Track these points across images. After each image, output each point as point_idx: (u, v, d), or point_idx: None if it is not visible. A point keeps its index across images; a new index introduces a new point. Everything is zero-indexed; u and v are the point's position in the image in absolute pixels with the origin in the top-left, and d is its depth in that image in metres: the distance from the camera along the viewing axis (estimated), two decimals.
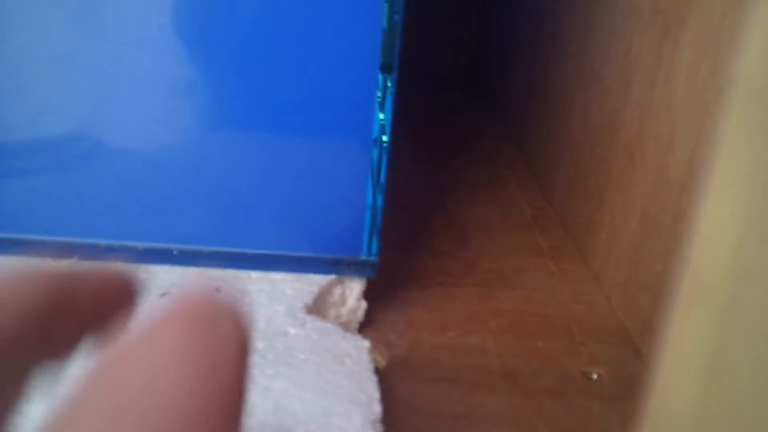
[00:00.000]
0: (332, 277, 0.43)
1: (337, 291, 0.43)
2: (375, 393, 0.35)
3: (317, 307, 0.42)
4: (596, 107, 0.55)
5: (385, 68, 0.40)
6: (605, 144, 0.53)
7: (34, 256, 0.42)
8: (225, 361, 0.12)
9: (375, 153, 0.41)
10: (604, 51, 0.54)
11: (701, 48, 0.40)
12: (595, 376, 0.43)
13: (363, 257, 0.43)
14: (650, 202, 0.45)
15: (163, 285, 0.41)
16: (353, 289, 0.44)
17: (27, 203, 0.41)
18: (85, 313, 0.15)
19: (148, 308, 0.40)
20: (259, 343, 0.37)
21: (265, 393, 0.34)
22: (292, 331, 0.39)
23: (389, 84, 0.40)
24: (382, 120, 0.41)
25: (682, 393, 0.13)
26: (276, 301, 0.41)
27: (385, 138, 0.41)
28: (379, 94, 0.40)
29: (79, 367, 0.12)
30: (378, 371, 0.39)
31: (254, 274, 0.43)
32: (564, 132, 0.62)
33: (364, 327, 0.45)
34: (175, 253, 0.42)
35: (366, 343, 0.38)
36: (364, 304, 0.44)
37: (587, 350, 0.45)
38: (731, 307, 0.12)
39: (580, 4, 0.60)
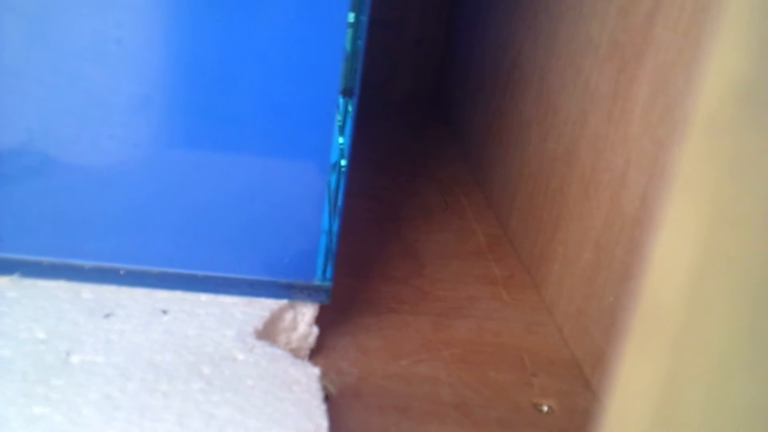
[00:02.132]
0: (284, 301, 0.42)
1: (289, 316, 0.42)
2: (324, 422, 0.34)
3: (267, 332, 0.41)
4: (553, 139, 0.56)
5: (346, 92, 0.39)
6: (560, 175, 0.53)
7: None
8: None
9: (333, 177, 0.41)
10: (562, 83, 0.55)
11: (657, 84, 0.41)
12: (545, 408, 0.43)
13: (316, 282, 0.43)
14: (603, 234, 0.45)
15: (109, 306, 0.40)
16: (305, 315, 0.43)
17: None
18: None
19: (92, 330, 0.39)
20: (205, 368, 0.36)
21: (209, 420, 0.33)
22: (241, 356, 0.38)
23: (350, 108, 0.40)
24: (341, 144, 0.40)
25: (636, 420, 0.13)
26: (225, 325, 0.40)
27: (343, 162, 0.41)
28: (339, 118, 0.40)
29: None
30: (328, 399, 0.38)
31: (204, 297, 0.42)
32: (520, 162, 0.63)
33: (315, 354, 0.44)
34: (122, 273, 0.41)
35: (316, 371, 0.38)
36: (315, 330, 0.43)
37: (538, 381, 0.45)
38: (685, 337, 0.12)
39: (540, 36, 0.61)
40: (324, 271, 0.42)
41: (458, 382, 0.44)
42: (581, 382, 0.45)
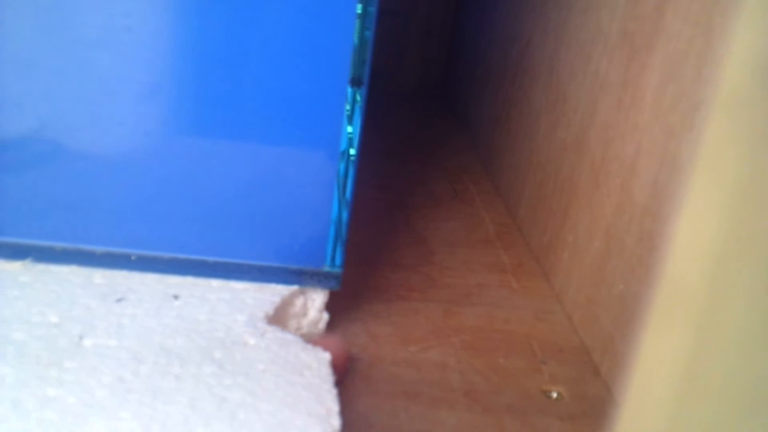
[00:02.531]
0: (294, 287, 0.42)
1: (299, 302, 0.43)
2: (334, 406, 0.34)
3: (278, 317, 0.41)
4: (562, 127, 0.56)
5: (355, 82, 0.39)
6: (570, 164, 0.53)
7: None
8: None
9: (342, 165, 0.41)
10: (571, 72, 0.55)
11: (668, 72, 0.41)
12: (555, 395, 0.43)
13: (326, 269, 0.43)
14: (613, 223, 0.45)
15: (121, 290, 0.40)
16: (315, 301, 0.43)
17: None
18: None
19: (105, 314, 0.39)
20: (217, 353, 0.37)
21: (221, 403, 0.33)
22: (252, 341, 0.38)
23: (358, 98, 0.40)
24: (350, 133, 0.40)
25: (657, 400, 0.13)
26: (236, 311, 0.40)
27: (352, 151, 0.41)
28: (348, 107, 0.40)
29: None
30: (338, 385, 0.38)
31: (215, 282, 0.42)
32: (530, 150, 0.63)
33: (324, 340, 0.44)
34: (133, 258, 0.41)
35: (327, 356, 0.38)
36: (325, 316, 0.43)
37: (548, 369, 0.45)
38: (708, 318, 0.12)
39: (549, 25, 0.61)
40: (334, 258, 0.43)
41: (468, 368, 0.44)
42: (591, 369, 0.45)
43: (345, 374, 0.41)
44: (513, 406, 0.41)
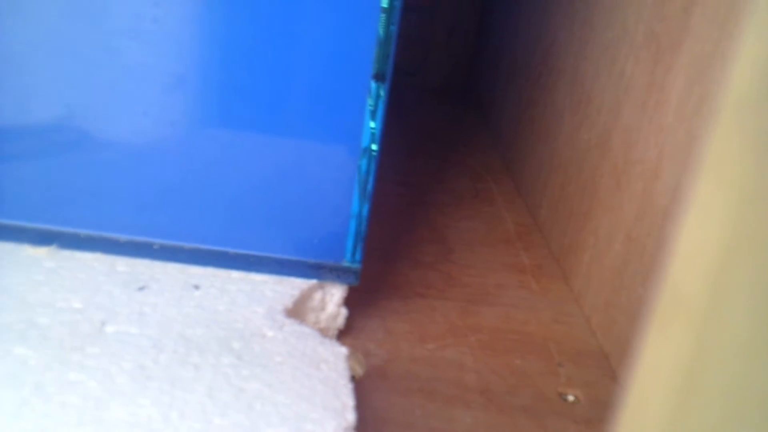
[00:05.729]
0: (313, 282, 0.43)
1: (318, 296, 0.43)
2: (350, 401, 0.34)
3: (297, 311, 0.41)
4: (585, 128, 0.55)
5: (379, 77, 0.40)
6: (592, 166, 0.53)
7: (13, 242, 0.41)
8: None
9: (364, 161, 0.41)
10: (596, 72, 0.54)
11: (693, 75, 0.40)
12: (571, 398, 0.43)
13: (346, 264, 0.43)
14: (635, 226, 0.45)
15: (143, 279, 0.40)
16: (334, 296, 0.43)
17: (8, 188, 0.41)
18: None
19: (127, 301, 0.40)
20: (235, 343, 0.37)
21: (238, 393, 0.33)
22: (270, 333, 0.38)
23: (381, 93, 0.40)
24: (372, 128, 0.41)
25: (657, 406, 0.13)
26: (255, 303, 0.40)
27: (374, 147, 0.41)
28: (371, 102, 0.40)
29: None
30: (354, 379, 0.39)
31: (235, 274, 0.42)
32: (552, 151, 0.62)
33: (343, 334, 0.44)
34: (155, 247, 0.42)
35: (344, 350, 0.38)
36: (344, 311, 0.44)
37: (565, 371, 0.45)
38: (708, 322, 0.12)
39: (575, 25, 0.61)
40: (353, 253, 0.43)
41: (484, 368, 0.44)
42: (608, 374, 0.45)
43: None
44: (528, 408, 0.41)
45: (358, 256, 0.43)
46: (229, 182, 0.41)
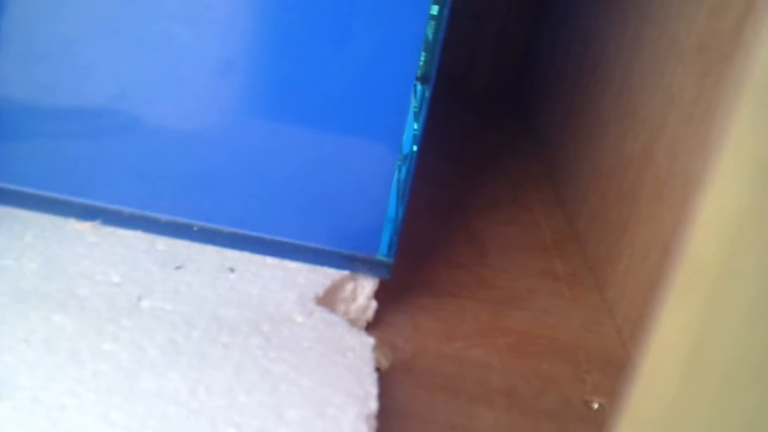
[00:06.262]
0: (346, 272, 0.43)
1: (349, 287, 0.43)
2: (373, 389, 0.35)
3: (327, 299, 0.42)
4: (630, 139, 0.55)
5: (424, 79, 0.40)
6: (634, 176, 0.53)
7: (60, 215, 0.43)
8: None
9: (403, 160, 0.41)
10: (643, 84, 0.54)
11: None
12: (596, 406, 0.43)
13: (379, 257, 0.43)
14: (673, 238, 0.45)
15: (180, 258, 0.41)
16: (365, 288, 0.44)
17: (59, 163, 0.42)
18: None
19: (163, 279, 0.41)
20: (265, 326, 0.38)
21: (265, 374, 0.34)
22: (300, 319, 0.39)
23: (426, 94, 0.40)
24: (415, 130, 0.41)
25: (667, 377, 0.13)
26: (287, 289, 0.41)
27: (415, 147, 0.41)
28: (415, 103, 0.40)
29: None
30: (379, 371, 0.39)
31: (270, 260, 0.43)
32: (595, 161, 0.62)
33: (371, 327, 0.45)
34: (195, 229, 0.43)
35: (371, 341, 0.38)
36: (374, 304, 0.44)
37: (592, 379, 0.45)
38: (720, 290, 0.12)
39: (624, 36, 0.60)
40: (387, 248, 0.43)
41: (510, 370, 0.44)
42: None
43: None
44: (552, 412, 0.41)
45: (391, 251, 0.43)
46: (271, 170, 0.42)
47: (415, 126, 0.41)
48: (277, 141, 0.42)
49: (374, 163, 0.42)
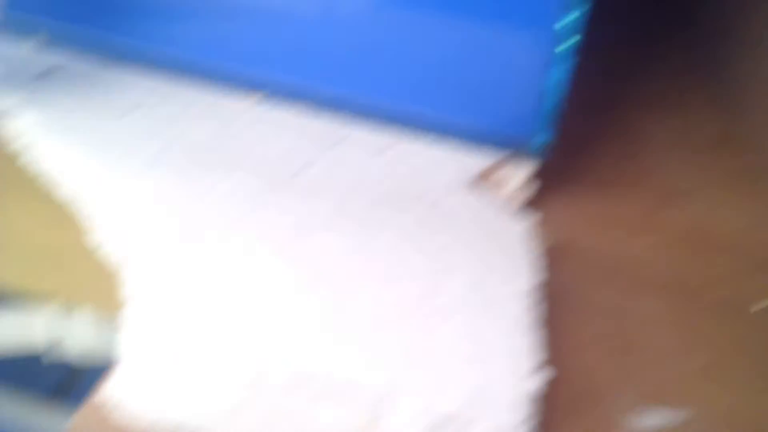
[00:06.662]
0: (502, 155, 0.42)
1: (506, 169, 0.43)
2: (529, 268, 0.35)
3: (484, 180, 0.41)
4: None
5: None
6: None
7: (229, 85, 0.44)
8: None
9: (565, 45, 0.40)
10: None
11: None
12: (763, 304, 0.40)
13: (536, 140, 0.42)
14: None
15: (339, 135, 0.42)
16: (522, 170, 0.43)
17: (228, 39, 0.44)
18: None
19: (321, 154, 0.41)
20: (420, 204, 0.38)
21: (420, 247, 0.35)
22: (455, 198, 0.39)
23: None
24: (577, 17, 0.39)
25: None
26: (443, 169, 0.41)
27: (578, 36, 0.39)
28: None
29: None
30: (536, 252, 0.38)
31: (426, 141, 0.43)
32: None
33: (527, 209, 0.44)
34: (354, 107, 0.43)
35: (526, 222, 0.38)
36: (530, 187, 0.43)
37: (762, 277, 0.42)
38: None
39: None
40: (544, 130, 0.42)
41: (675, 261, 0.42)
42: None
43: None
44: (715, 306, 0.39)
45: (549, 134, 0.42)
46: (432, 52, 0.42)
47: (577, 13, 0.39)
48: (438, 23, 0.41)
49: (536, 46, 0.40)
